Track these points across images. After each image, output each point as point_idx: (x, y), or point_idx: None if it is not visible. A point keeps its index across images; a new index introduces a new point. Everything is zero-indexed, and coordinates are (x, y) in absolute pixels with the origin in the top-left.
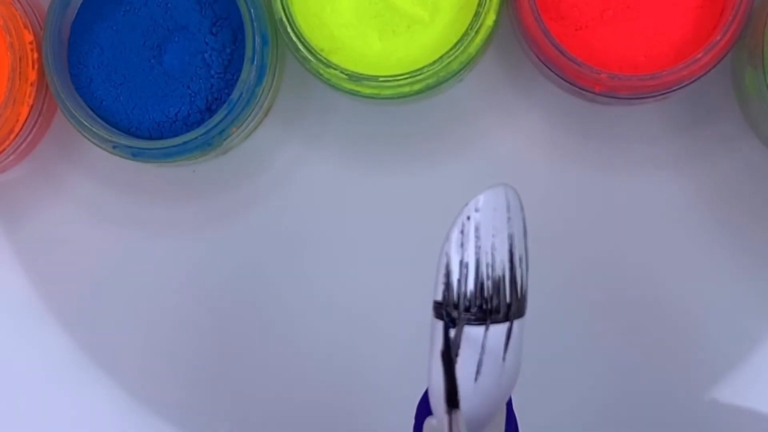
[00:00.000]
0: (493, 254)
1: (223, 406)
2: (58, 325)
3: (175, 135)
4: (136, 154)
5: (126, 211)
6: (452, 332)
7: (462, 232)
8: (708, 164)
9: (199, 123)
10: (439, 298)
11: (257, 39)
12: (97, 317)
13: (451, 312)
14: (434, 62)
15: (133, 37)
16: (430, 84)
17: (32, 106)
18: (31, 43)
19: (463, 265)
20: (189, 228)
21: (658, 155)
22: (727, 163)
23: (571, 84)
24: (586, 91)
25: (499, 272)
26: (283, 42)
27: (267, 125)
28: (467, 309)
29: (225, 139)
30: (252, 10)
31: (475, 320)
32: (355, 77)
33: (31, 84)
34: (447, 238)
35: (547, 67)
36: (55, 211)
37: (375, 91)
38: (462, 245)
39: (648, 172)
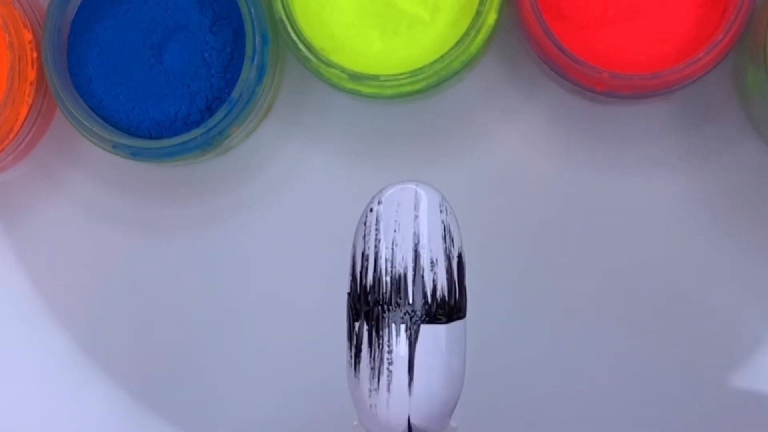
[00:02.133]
0: (393, 249)
1: (222, 406)
2: (58, 324)
3: (175, 135)
4: (136, 154)
5: (126, 211)
6: (356, 325)
7: (365, 223)
8: (710, 164)
9: (199, 123)
10: (348, 289)
11: (257, 38)
12: (97, 317)
13: (356, 304)
14: (435, 62)
15: (132, 36)
16: (431, 83)
17: (31, 106)
18: (30, 42)
19: (363, 257)
20: (189, 228)
21: (660, 155)
22: (729, 162)
23: (572, 83)
24: (588, 90)
25: (399, 269)
26: (283, 41)
27: (267, 125)
28: (367, 303)
29: (225, 139)
30: (252, 10)
31: (375, 315)
32: (355, 77)
33: (31, 83)
34: (355, 230)
35: (549, 67)
36: (54, 210)
37: (376, 91)
38: (364, 237)
39: (649, 171)
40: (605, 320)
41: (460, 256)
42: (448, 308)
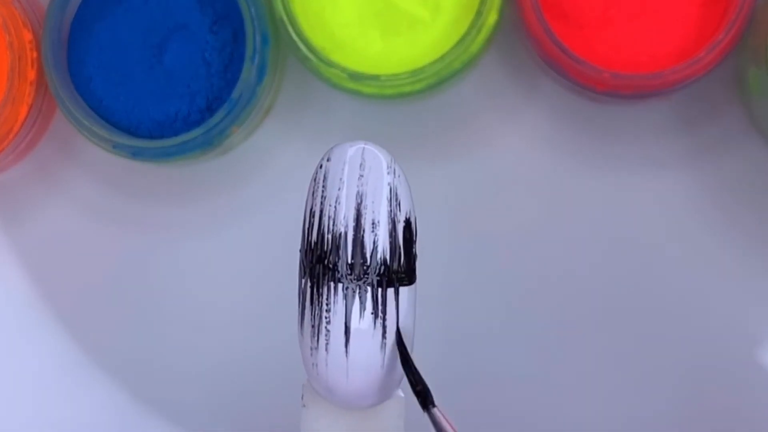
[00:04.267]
0: (335, 207)
1: (223, 406)
2: (58, 324)
3: (176, 134)
4: (136, 154)
5: (126, 211)
6: (302, 282)
7: (315, 179)
8: (711, 163)
9: (199, 122)
10: (300, 246)
11: (258, 38)
12: (97, 317)
13: (303, 261)
14: (436, 61)
15: (133, 36)
16: (432, 83)
17: (31, 106)
18: (30, 42)
19: (311, 213)
20: (189, 228)
21: (661, 154)
22: (730, 161)
23: (573, 83)
24: (589, 90)
25: (340, 228)
26: (283, 41)
27: (267, 125)
28: (312, 260)
29: (225, 139)
30: (252, 9)
31: (317, 272)
32: (356, 77)
33: (31, 83)
34: (309, 185)
35: (550, 66)
36: (54, 210)
37: (376, 91)
38: (313, 193)
39: (650, 171)
40: (606, 319)
41: (408, 221)
42: (389, 272)
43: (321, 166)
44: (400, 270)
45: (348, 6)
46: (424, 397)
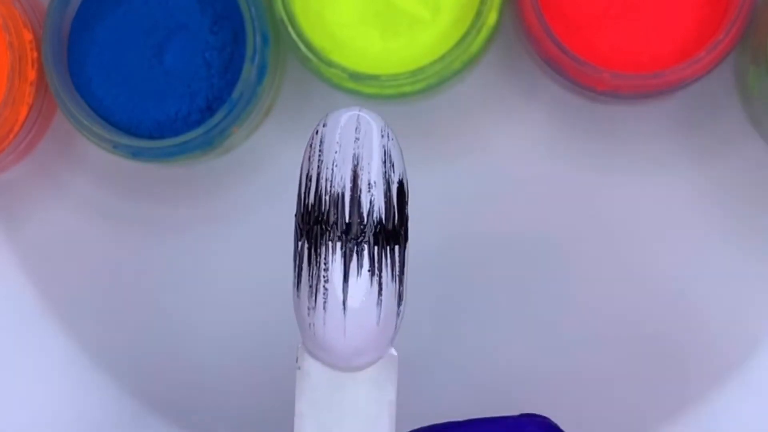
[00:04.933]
0: (333, 170)
1: (223, 406)
2: (58, 324)
3: (176, 134)
4: (137, 154)
5: (126, 211)
6: (299, 245)
7: (310, 145)
8: (711, 163)
9: (199, 122)
10: (295, 210)
11: (258, 38)
12: (97, 317)
13: (300, 223)
14: (436, 61)
15: (133, 36)
16: (432, 83)
17: (32, 106)
18: (30, 42)
19: (307, 177)
20: (189, 228)
21: (661, 154)
22: (730, 162)
23: (573, 83)
24: (588, 90)
25: (338, 189)
26: (284, 41)
27: (268, 125)
28: (308, 222)
29: (226, 139)
30: (253, 9)
31: (315, 234)
32: (356, 77)
33: (31, 83)
34: (303, 152)
35: (549, 66)
36: (54, 210)
37: (376, 91)
38: (309, 158)
39: (650, 171)
40: (606, 320)
41: (401, 183)
42: (385, 231)
43: (317, 132)
44: (394, 229)
45: (348, 6)
46: None
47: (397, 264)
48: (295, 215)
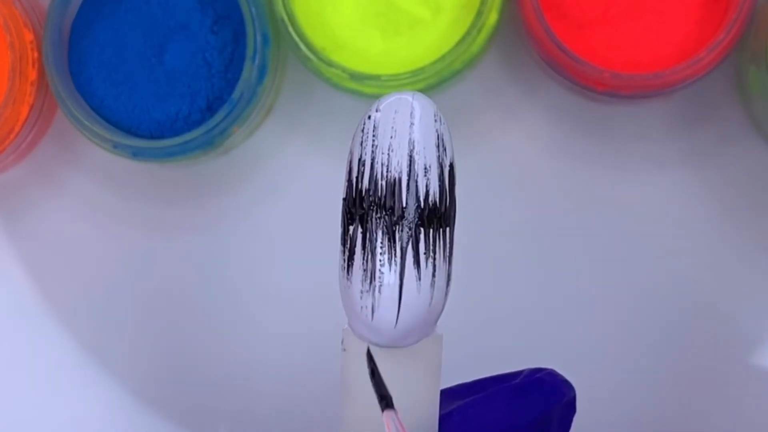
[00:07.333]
0: (389, 155)
1: (223, 406)
2: (59, 324)
3: (176, 134)
4: (137, 154)
5: (126, 211)
6: (350, 229)
7: (363, 130)
8: (711, 163)
9: (199, 122)
10: (344, 195)
11: (258, 38)
12: (97, 317)
13: (351, 208)
14: (436, 61)
15: (133, 36)
16: (432, 83)
17: (32, 106)
18: (31, 42)
19: (360, 162)
20: (189, 228)
21: (661, 154)
22: (730, 161)
23: (573, 83)
24: (589, 90)
25: (394, 174)
26: (284, 41)
27: (268, 125)
28: (362, 207)
29: (226, 139)
30: (253, 9)
31: (370, 218)
32: (356, 76)
33: (32, 83)
34: (353, 137)
35: (550, 66)
36: (55, 210)
37: (377, 91)
38: (361, 143)
39: (650, 170)
40: (607, 318)
41: (451, 165)
42: (439, 214)
43: (369, 117)
44: (446, 212)
45: (349, 6)
46: (387, 401)
47: (447, 245)
48: (344, 199)
